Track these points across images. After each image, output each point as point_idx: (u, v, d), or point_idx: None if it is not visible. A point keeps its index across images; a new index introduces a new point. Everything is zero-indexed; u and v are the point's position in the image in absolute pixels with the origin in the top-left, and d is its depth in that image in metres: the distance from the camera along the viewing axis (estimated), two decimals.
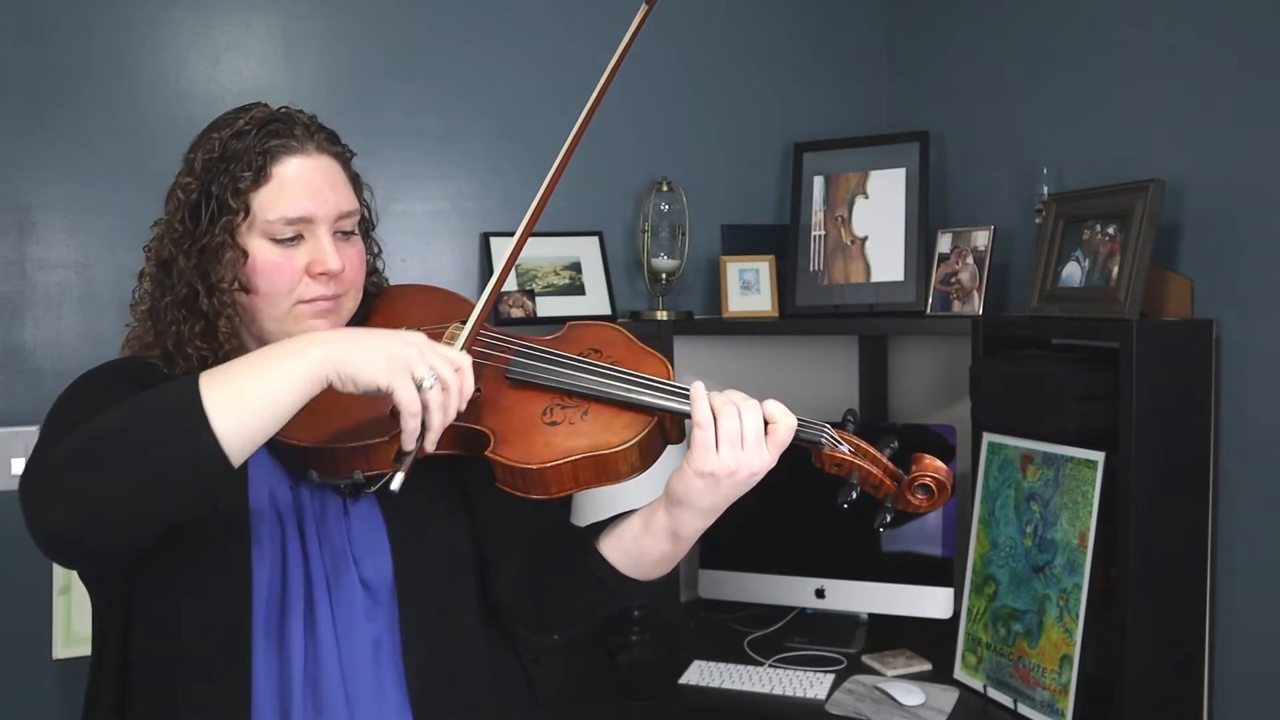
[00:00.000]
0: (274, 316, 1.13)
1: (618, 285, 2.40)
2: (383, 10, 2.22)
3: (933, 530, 2.15)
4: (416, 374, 0.96)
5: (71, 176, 2.01)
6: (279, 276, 1.11)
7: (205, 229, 1.10)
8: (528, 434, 1.08)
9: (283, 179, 1.11)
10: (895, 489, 1.12)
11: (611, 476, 1.07)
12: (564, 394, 1.11)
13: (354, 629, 1.10)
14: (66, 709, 2.01)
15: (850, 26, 2.62)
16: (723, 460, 1.04)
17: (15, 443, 1.98)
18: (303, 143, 1.13)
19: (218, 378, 0.94)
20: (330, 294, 1.14)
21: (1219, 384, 1.75)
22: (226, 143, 1.11)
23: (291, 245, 1.12)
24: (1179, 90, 1.82)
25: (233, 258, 1.10)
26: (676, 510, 1.09)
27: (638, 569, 1.14)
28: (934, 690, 1.91)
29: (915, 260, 2.29)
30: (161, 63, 2.07)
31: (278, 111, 1.15)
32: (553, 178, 1.22)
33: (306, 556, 1.10)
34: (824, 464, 1.12)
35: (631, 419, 1.08)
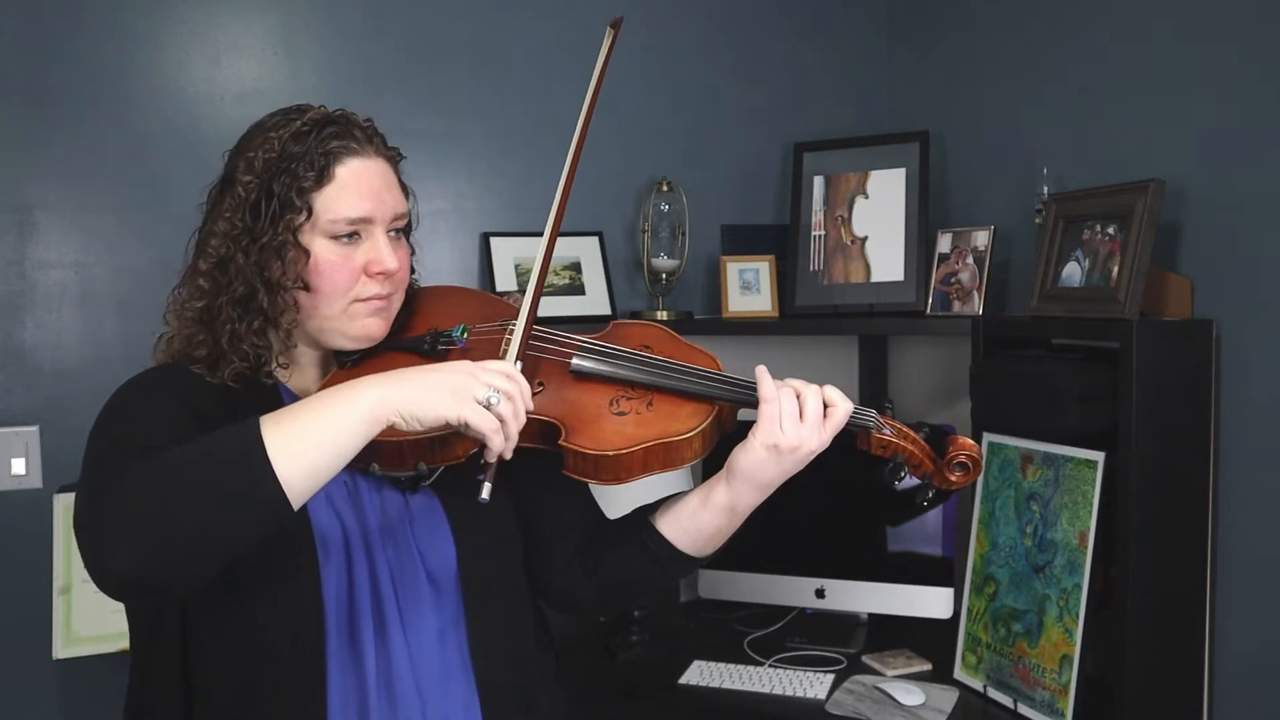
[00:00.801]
0: (329, 315, 1.16)
1: (618, 285, 2.40)
2: (383, 10, 2.22)
3: (933, 530, 2.15)
4: (480, 396, 1.00)
5: (71, 176, 2.02)
6: (338, 275, 1.14)
7: (266, 228, 1.11)
8: (597, 423, 1.14)
9: (344, 180, 1.14)
10: (933, 468, 1.21)
11: (676, 462, 1.14)
12: (628, 386, 1.18)
13: (421, 620, 1.14)
14: (66, 709, 2.02)
15: (850, 26, 2.62)
16: (786, 435, 1.12)
17: (15, 443, 1.99)
18: (362, 145, 1.16)
19: (279, 423, 0.95)
20: (384, 293, 1.17)
21: (1219, 384, 1.75)
22: (286, 143, 1.13)
23: (349, 244, 1.15)
24: (1179, 90, 1.82)
25: (294, 256, 1.12)
26: (737, 484, 1.17)
27: (693, 545, 1.22)
28: (934, 690, 1.91)
29: (915, 260, 2.29)
30: (161, 63, 2.08)
31: (334, 113, 1.17)
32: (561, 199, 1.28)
33: (370, 553, 1.13)
34: (870, 446, 1.20)
35: (694, 408, 1.16)
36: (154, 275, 2.08)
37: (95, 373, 2.04)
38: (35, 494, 1.99)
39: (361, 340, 1.19)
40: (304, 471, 0.94)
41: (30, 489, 1.99)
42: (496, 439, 1.00)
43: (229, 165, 1.18)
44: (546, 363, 1.22)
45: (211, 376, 1.14)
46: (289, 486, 0.93)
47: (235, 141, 1.21)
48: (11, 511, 1.98)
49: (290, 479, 0.93)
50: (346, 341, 1.19)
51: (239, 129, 2.09)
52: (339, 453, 0.96)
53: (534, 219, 2.35)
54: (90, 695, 2.02)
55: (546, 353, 1.22)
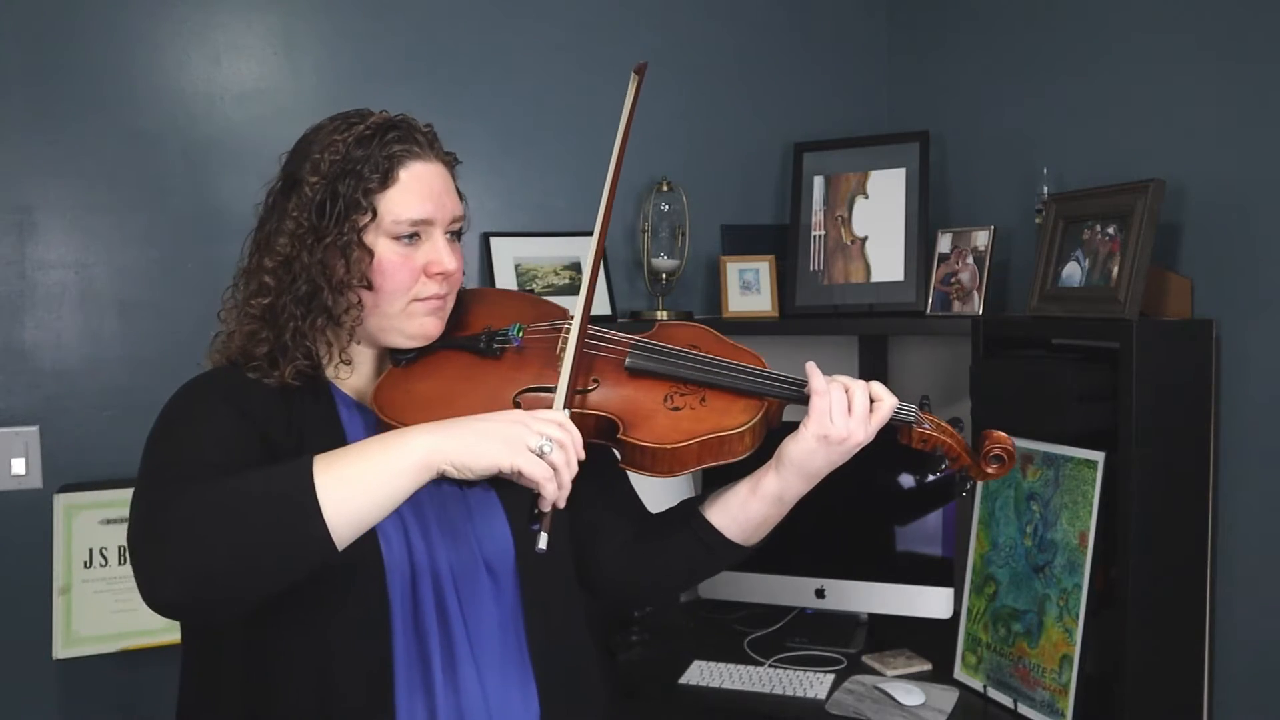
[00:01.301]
0: (390, 313, 1.19)
1: (618, 285, 2.40)
2: (383, 10, 2.22)
3: (933, 530, 2.15)
4: (533, 445, 1.01)
5: (71, 176, 2.02)
6: (400, 275, 1.17)
7: (332, 227, 1.14)
8: (654, 418, 1.19)
9: (407, 183, 1.17)
10: (970, 461, 1.26)
11: (728, 455, 1.19)
12: (681, 383, 1.23)
13: (480, 609, 1.18)
14: (66, 709, 2.01)
15: (850, 26, 2.62)
16: (836, 426, 1.17)
17: (15, 443, 1.99)
18: (424, 149, 1.19)
19: (331, 466, 0.97)
20: (442, 293, 1.21)
21: (1219, 384, 1.75)
22: (350, 146, 1.15)
23: (410, 245, 1.18)
24: (1179, 90, 1.82)
25: (359, 256, 1.15)
26: (787, 473, 1.21)
27: (742, 533, 1.26)
28: (934, 690, 1.91)
29: (915, 260, 2.29)
30: (161, 63, 2.08)
31: (396, 118, 1.20)
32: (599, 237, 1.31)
33: (429, 543, 1.16)
34: (911, 440, 1.25)
35: (746, 404, 1.21)
36: (154, 275, 2.08)
37: (95, 373, 2.04)
38: (35, 494, 1.99)
39: (419, 338, 1.22)
40: (351, 516, 0.97)
41: (30, 489, 1.99)
42: (550, 487, 1.01)
43: (291, 167, 1.21)
44: (601, 360, 1.26)
45: (268, 376, 1.17)
46: (335, 529, 0.95)
47: (293, 144, 1.24)
48: (11, 511, 1.98)
49: (337, 522, 0.95)
50: (404, 340, 1.22)
51: (239, 129, 2.12)
52: (387, 500, 0.98)
53: (534, 219, 2.35)
54: (90, 695, 2.02)
55: (600, 351, 1.26)
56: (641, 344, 1.26)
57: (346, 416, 1.21)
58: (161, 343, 2.08)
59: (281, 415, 1.16)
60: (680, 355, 1.25)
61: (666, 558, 1.31)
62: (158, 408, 2.28)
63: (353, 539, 0.98)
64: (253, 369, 1.18)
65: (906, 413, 1.24)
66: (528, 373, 1.24)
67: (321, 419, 1.18)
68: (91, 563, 1.90)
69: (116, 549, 1.92)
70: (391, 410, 1.17)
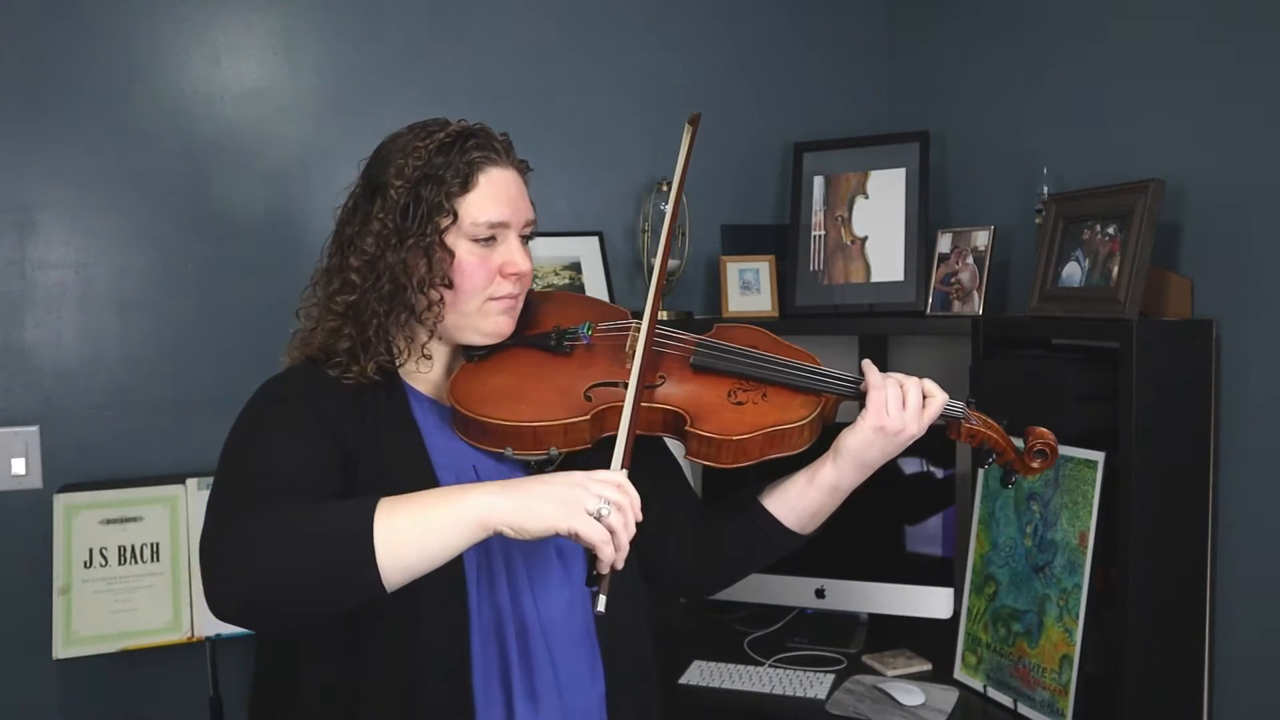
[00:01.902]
0: (466, 311, 1.25)
1: (618, 285, 2.40)
2: (383, 10, 2.22)
3: (933, 530, 2.15)
4: (590, 508, 1.03)
5: (71, 176, 2.02)
6: (478, 275, 1.24)
7: (415, 229, 1.21)
8: (719, 412, 1.26)
9: (485, 188, 1.24)
10: (1015, 456, 1.33)
11: (788, 448, 1.25)
12: (744, 379, 1.30)
13: (550, 591, 1.24)
14: (66, 709, 2.02)
15: (850, 26, 2.62)
16: (891, 418, 1.24)
17: (15, 443, 1.99)
18: (501, 156, 1.26)
19: (391, 513, 1.02)
20: (515, 292, 1.27)
21: (1219, 384, 1.75)
22: (432, 153, 1.22)
23: (487, 247, 1.24)
24: (1179, 90, 1.82)
25: (440, 256, 1.21)
26: (843, 463, 1.27)
27: (799, 521, 1.32)
28: (934, 690, 1.91)
29: (915, 260, 2.29)
30: (161, 63, 2.08)
31: (474, 126, 1.27)
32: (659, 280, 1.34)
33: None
34: (960, 435, 1.32)
35: (805, 400, 1.28)
36: (154, 275, 2.08)
37: (95, 373, 2.04)
38: (35, 494, 1.99)
39: (492, 336, 1.28)
40: (404, 565, 1.01)
41: (30, 489, 1.99)
42: (606, 550, 1.03)
43: (373, 173, 1.26)
44: (668, 358, 1.33)
45: (348, 372, 1.22)
46: (386, 575, 1.00)
47: (371, 153, 1.29)
48: (11, 511, 1.99)
49: (388, 569, 1.00)
50: (479, 337, 1.28)
51: (239, 129, 2.12)
52: (441, 554, 1.03)
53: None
54: (90, 695, 2.03)
55: (667, 349, 1.34)
56: (706, 343, 1.34)
57: (420, 413, 1.27)
58: (161, 343, 2.08)
59: (356, 414, 1.21)
60: (743, 353, 1.32)
61: (726, 546, 1.37)
62: (157, 408, 2.28)
63: (403, 584, 1.03)
64: (333, 365, 1.23)
65: (955, 409, 1.30)
66: (597, 368, 1.30)
67: (396, 414, 1.24)
68: (91, 563, 1.90)
69: (116, 549, 1.92)
70: (468, 402, 1.23)
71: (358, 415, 1.21)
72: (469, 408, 1.22)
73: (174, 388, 2.10)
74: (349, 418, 1.21)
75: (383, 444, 1.21)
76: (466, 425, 1.23)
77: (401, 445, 1.22)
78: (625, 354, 1.31)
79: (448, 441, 1.25)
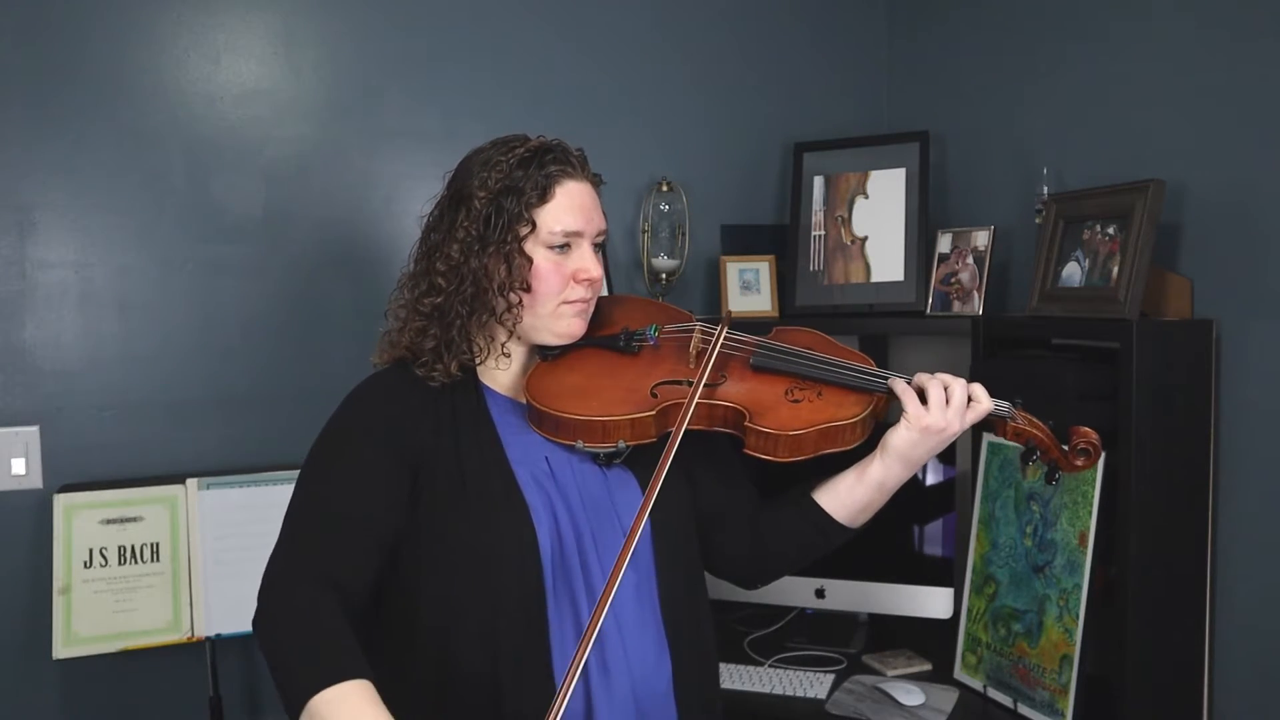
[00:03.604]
0: (542, 314, 1.34)
1: (618, 285, 2.40)
2: (383, 10, 2.22)
3: (933, 530, 2.15)
4: None
5: (71, 176, 2.02)
6: (553, 279, 1.32)
7: (496, 237, 1.30)
8: (777, 409, 1.33)
9: (561, 199, 1.32)
10: (1059, 455, 1.37)
11: (841, 444, 1.32)
12: (800, 378, 1.36)
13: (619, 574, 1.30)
14: (66, 709, 2.02)
15: (850, 26, 2.62)
16: (933, 417, 1.29)
17: (15, 443, 1.99)
18: (576, 170, 1.35)
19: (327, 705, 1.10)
20: (587, 297, 1.36)
21: (1219, 384, 1.75)
22: (513, 167, 1.31)
23: (562, 254, 1.33)
24: (1179, 90, 1.82)
25: (520, 262, 1.31)
26: (890, 460, 1.33)
27: (848, 515, 1.39)
28: (934, 690, 1.91)
29: (915, 260, 2.29)
30: (161, 63, 2.08)
31: (551, 142, 1.36)
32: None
33: (574, 518, 1.31)
34: (1006, 434, 1.38)
35: (858, 398, 1.34)
36: (154, 275, 2.08)
37: (95, 373, 2.04)
38: (35, 494, 1.99)
39: (565, 337, 1.37)
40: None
41: (30, 489, 1.99)
42: None
43: (458, 185, 1.35)
44: (728, 357, 1.40)
45: (433, 371, 1.32)
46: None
47: (455, 166, 1.37)
48: (11, 511, 1.98)
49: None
50: (553, 338, 1.36)
51: (239, 129, 2.13)
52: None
53: None
54: (90, 695, 2.03)
55: (727, 349, 1.41)
56: (765, 344, 1.41)
57: (496, 411, 1.35)
58: (161, 343, 2.08)
59: (434, 415, 1.31)
60: (800, 354, 1.39)
61: (781, 538, 1.43)
62: (157, 408, 2.28)
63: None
64: (420, 365, 1.33)
65: (1001, 409, 1.36)
66: (663, 368, 1.38)
67: (474, 412, 1.34)
68: (91, 563, 1.90)
69: (116, 549, 1.92)
70: (542, 398, 1.32)
71: (436, 416, 1.31)
72: (544, 403, 1.31)
73: (174, 388, 2.09)
74: (427, 423, 1.31)
75: (461, 441, 1.30)
76: (541, 419, 1.32)
77: (478, 440, 1.31)
78: (689, 354, 1.39)
79: (522, 436, 1.34)
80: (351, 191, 2.21)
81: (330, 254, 2.20)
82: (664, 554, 1.35)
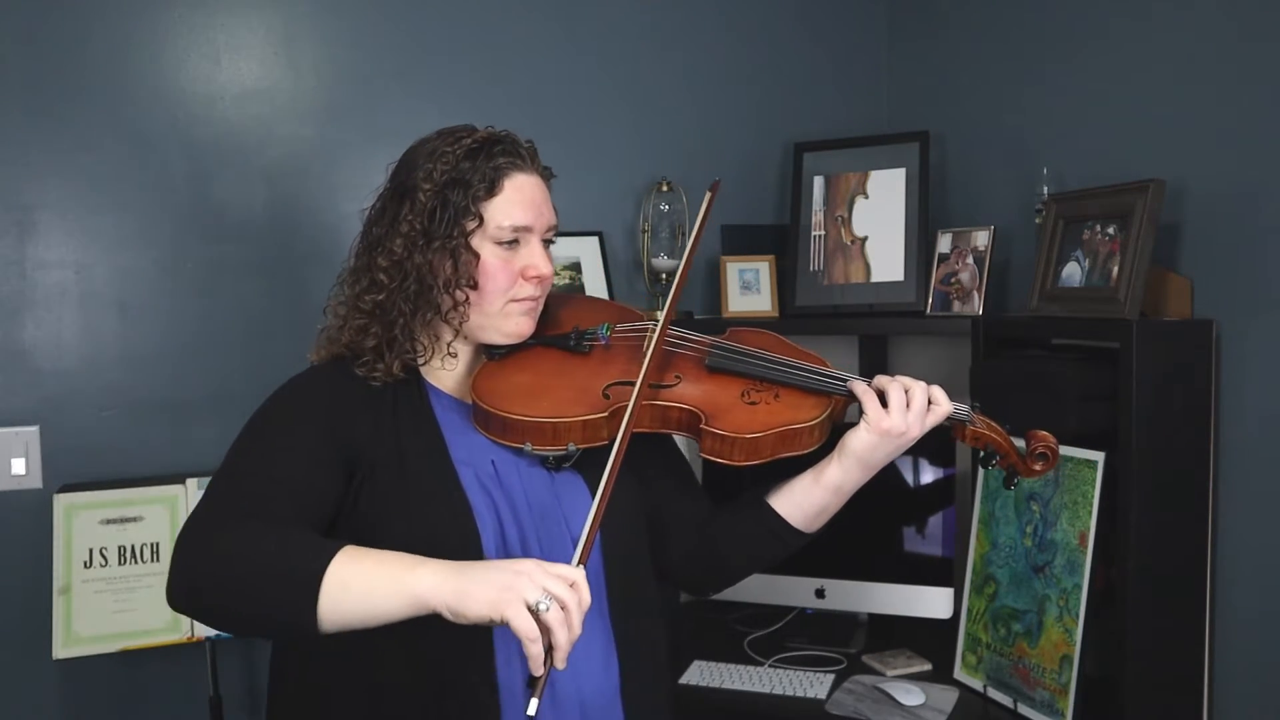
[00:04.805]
0: (489, 312, 1.29)
1: (618, 285, 2.40)
2: (383, 10, 2.22)
3: (933, 530, 2.15)
4: (530, 599, 1.01)
5: (71, 176, 2.02)
6: (501, 276, 1.27)
7: (442, 232, 1.25)
8: (733, 411, 1.29)
9: (510, 193, 1.27)
10: (1018, 459, 1.36)
11: (799, 447, 1.29)
12: (757, 380, 1.33)
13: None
14: (66, 709, 2.02)
15: (850, 26, 2.62)
16: (893, 420, 1.26)
17: (15, 443, 1.99)
18: (526, 162, 1.30)
19: (346, 565, 1.04)
20: (536, 295, 1.31)
21: (1219, 384, 1.75)
22: (460, 159, 1.26)
23: (510, 250, 1.28)
24: (1179, 90, 1.82)
25: (466, 258, 1.25)
26: (848, 463, 1.29)
27: (805, 520, 1.35)
28: (934, 690, 1.91)
29: (915, 260, 2.29)
30: (161, 63, 2.08)
31: (500, 133, 1.30)
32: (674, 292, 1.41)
33: (519, 523, 1.26)
34: (964, 438, 1.35)
35: (816, 400, 1.31)
36: (154, 275, 2.08)
37: (95, 373, 2.04)
38: (35, 494, 1.99)
39: (513, 336, 1.32)
40: (340, 616, 1.04)
41: (30, 489, 1.99)
42: (533, 648, 1.00)
43: (401, 177, 1.29)
44: (682, 358, 1.37)
45: (374, 370, 1.26)
46: (323, 617, 1.03)
47: (399, 157, 1.32)
48: (11, 511, 1.99)
49: (326, 613, 1.03)
50: (500, 337, 1.31)
51: (239, 129, 2.13)
52: (378, 618, 1.05)
53: None
54: (90, 695, 2.03)
55: (681, 349, 1.38)
56: (720, 345, 1.37)
57: (441, 410, 1.30)
58: (161, 343, 2.08)
59: (375, 414, 1.25)
60: (757, 355, 1.35)
61: (735, 543, 1.40)
62: (157, 408, 2.29)
63: (333, 632, 1.05)
64: (361, 364, 1.26)
65: (961, 413, 1.33)
66: (616, 368, 1.34)
67: (417, 412, 1.28)
68: (91, 563, 1.90)
69: (116, 549, 1.92)
70: (489, 398, 1.26)
71: (378, 414, 1.25)
72: (490, 403, 1.26)
73: (174, 388, 2.09)
74: (367, 418, 1.24)
75: (403, 442, 1.24)
76: (488, 420, 1.27)
77: (422, 443, 1.25)
78: (642, 354, 1.33)
79: (467, 437, 1.28)
80: (351, 191, 2.21)
81: (330, 254, 2.19)
82: (613, 559, 1.30)
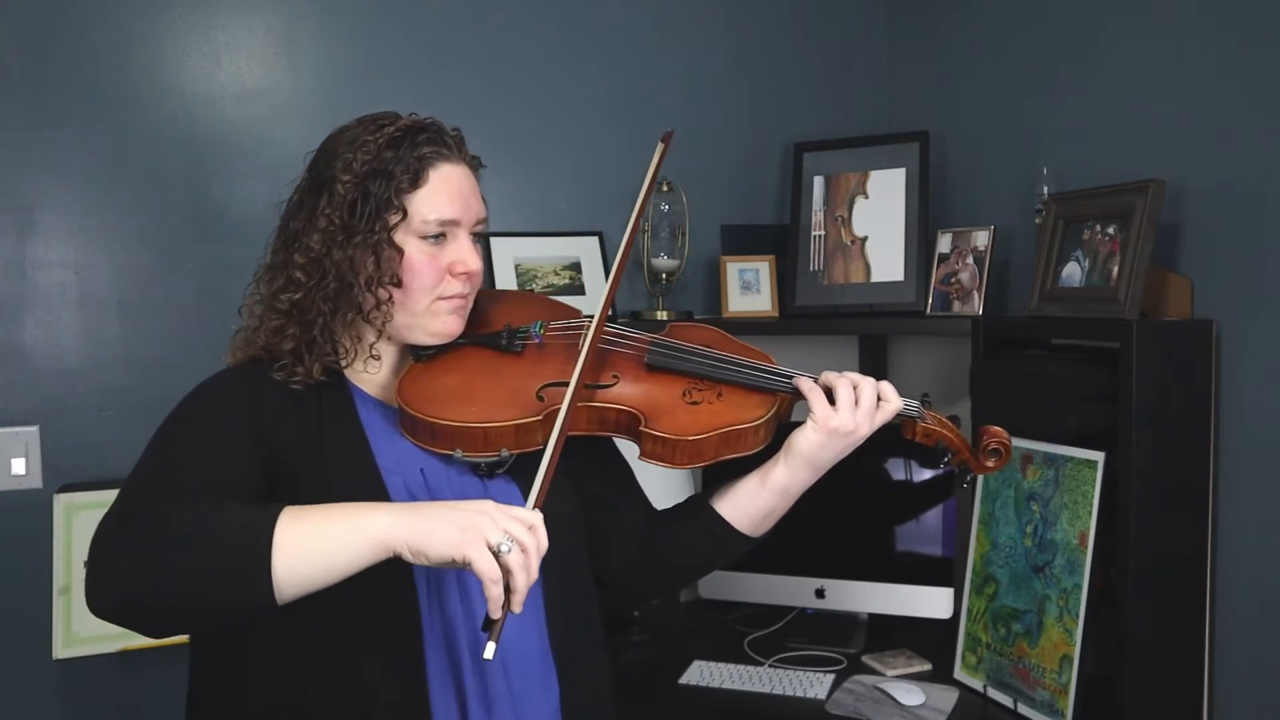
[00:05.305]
0: (415, 311, 1.22)
1: (618, 286, 2.40)
2: (383, 10, 2.22)
3: (933, 530, 2.15)
4: (492, 540, 0.98)
5: (71, 176, 2.02)
6: (427, 273, 1.20)
7: (363, 226, 1.17)
8: (674, 412, 1.24)
9: (436, 184, 1.20)
10: (970, 455, 1.32)
11: (743, 448, 1.24)
12: (699, 379, 1.28)
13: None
14: (66, 709, 2.01)
15: (850, 27, 2.62)
16: (841, 419, 1.22)
17: (15, 443, 1.99)
18: (453, 152, 1.23)
19: (293, 524, 0.99)
20: (464, 292, 1.24)
21: (1219, 384, 1.75)
22: (382, 148, 1.18)
23: (437, 245, 1.21)
24: (1179, 90, 1.82)
25: (389, 254, 1.18)
26: (794, 464, 1.25)
27: (750, 524, 1.30)
28: (934, 690, 1.91)
29: (915, 260, 2.29)
30: (161, 63, 2.08)
31: (425, 120, 1.23)
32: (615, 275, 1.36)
33: None
34: (914, 434, 1.31)
35: (760, 399, 1.26)
36: (154, 275, 2.08)
37: (95, 373, 2.04)
38: (35, 494, 1.99)
39: (441, 336, 1.25)
40: (299, 577, 0.98)
41: (30, 489, 1.99)
42: (494, 589, 0.97)
43: (320, 167, 1.22)
44: (620, 356, 1.31)
45: (294, 374, 1.18)
46: (279, 584, 0.97)
47: (319, 145, 1.25)
48: (11, 511, 1.98)
49: (282, 579, 0.97)
50: (427, 337, 1.25)
51: (239, 129, 2.12)
52: (337, 570, 1.00)
53: (534, 219, 2.35)
54: (90, 695, 2.02)
55: (619, 347, 1.32)
56: (660, 342, 1.32)
57: (366, 415, 1.22)
58: (161, 343, 2.08)
59: (297, 418, 1.17)
60: (698, 353, 1.30)
61: (677, 549, 1.35)
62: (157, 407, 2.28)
63: (295, 598, 0.99)
64: (279, 368, 1.19)
65: (910, 409, 1.29)
66: (550, 368, 1.27)
67: (341, 417, 1.20)
68: None
69: None
70: (416, 403, 1.19)
71: (299, 419, 1.17)
72: (417, 409, 1.19)
73: (174, 388, 2.05)
74: (289, 423, 1.16)
75: (327, 448, 1.16)
76: (415, 427, 1.20)
77: (346, 449, 1.17)
78: (578, 353, 1.26)
79: (395, 444, 1.21)
80: None
81: None
82: (551, 574, 1.19)
